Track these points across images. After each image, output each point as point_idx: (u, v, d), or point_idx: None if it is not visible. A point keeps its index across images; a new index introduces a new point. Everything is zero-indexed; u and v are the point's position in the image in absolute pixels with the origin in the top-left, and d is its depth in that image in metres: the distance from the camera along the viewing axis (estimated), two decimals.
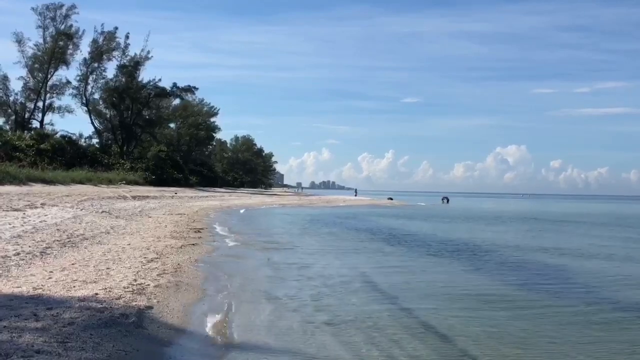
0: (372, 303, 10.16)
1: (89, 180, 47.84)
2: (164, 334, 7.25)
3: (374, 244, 21.14)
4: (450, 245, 20.90)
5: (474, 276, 13.92)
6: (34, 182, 38.62)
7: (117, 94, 72.85)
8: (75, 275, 9.68)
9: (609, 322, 9.15)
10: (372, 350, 7.26)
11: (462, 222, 39.14)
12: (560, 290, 12.18)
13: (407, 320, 8.91)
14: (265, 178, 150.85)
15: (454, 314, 9.45)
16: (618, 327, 8.92)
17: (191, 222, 24.17)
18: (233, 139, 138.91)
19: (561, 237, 27.52)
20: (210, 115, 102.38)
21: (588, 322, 9.12)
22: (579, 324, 8.98)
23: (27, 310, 7.01)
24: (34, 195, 27.75)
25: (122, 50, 73.45)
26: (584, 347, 7.67)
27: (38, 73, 67.91)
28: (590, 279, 13.91)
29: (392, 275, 13.59)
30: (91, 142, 76.94)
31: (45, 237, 13.90)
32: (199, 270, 12.20)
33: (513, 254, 18.66)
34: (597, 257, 18.52)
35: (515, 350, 7.43)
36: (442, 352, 7.29)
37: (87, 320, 6.81)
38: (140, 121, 76.74)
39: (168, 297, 9.09)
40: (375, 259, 16.73)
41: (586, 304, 10.56)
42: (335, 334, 7.97)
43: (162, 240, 16.35)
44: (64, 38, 67.47)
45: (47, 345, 5.70)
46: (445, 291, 11.61)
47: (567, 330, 8.52)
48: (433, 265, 15.83)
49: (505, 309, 9.99)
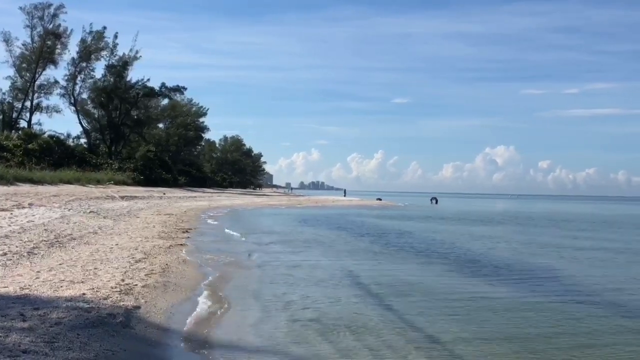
0: (359, 302, 10.22)
1: (77, 180, 47.59)
2: (151, 334, 7.27)
3: (361, 243, 21.20)
4: (436, 246, 21.05)
5: (460, 277, 14.02)
6: (21, 182, 38.40)
7: (106, 93, 72.49)
8: (63, 275, 9.67)
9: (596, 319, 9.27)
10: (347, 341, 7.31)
11: (450, 223, 39.26)
12: (547, 289, 12.30)
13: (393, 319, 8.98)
14: (254, 178, 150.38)
15: (439, 313, 9.54)
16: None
17: (179, 223, 24.15)
18: (222, 139, 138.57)
19: (548, 238, 27.69)
20: (199, 116, 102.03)
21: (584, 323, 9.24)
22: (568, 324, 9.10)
23: (14, 310, 7.00)
24: (22, 195, 27.62)
25: (111, 50, 73.09)
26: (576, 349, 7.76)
27: (26, 73, 67.52)
28: (582, 281, 14.08)
29: (381, 277, 13.64)
30: (79, 142, 76.57)
31: (33, 237, 13.87)
32: (187, 270, 12.21)
33: (497, 255, 18.82)
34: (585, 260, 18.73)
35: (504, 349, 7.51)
36: (428, 349, 7.35)
37: (74, 320, 6.81)
38: (128, 121, 76.45)
39: (156, 297, 9.11)
40: (364, 260, 16.79)
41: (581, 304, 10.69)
42: (323, 332, 8.01)
43: (150, 240, 16.34)
44: (52, 37, 67.09)
45: (34, 345, 5.71)
46: (428, 289, 11.70)
47: (554, 329, 8.63)
48: (421, 267, 15.92)
49: (494, 309, 10.09)
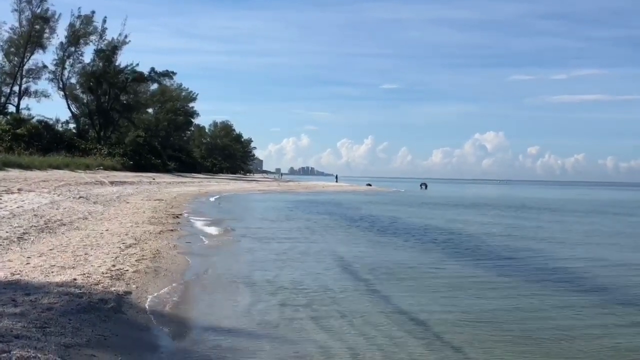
0: (350, 286, 10.31)
1: (66, 165, 47.32)
2: (142, 319, 7.31)
3: (352, 229, 21.30)
4: (424, 230, 21.20)
5: (450, 260, 14.14)
6: (10, 168, 38.14)
7: (94, 78, 71.92)
8: (54, 260, 9.68)
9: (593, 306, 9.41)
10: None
11: (439, 208, 39.49)
12: (532, 271, 12.44)
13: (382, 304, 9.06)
14: (244, 164, 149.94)
15: (430, 297, 9.64)
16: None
17: (170, 208, 24.13)
18: (212, 125, 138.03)
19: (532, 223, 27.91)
20: (189, 101, 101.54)
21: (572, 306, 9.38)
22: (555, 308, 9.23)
23: (5, 295, 7.01)
24: (11, 180, 27.46)
25: (100, 35, 72.37)
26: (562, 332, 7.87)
27: (14, 57, 66.80)
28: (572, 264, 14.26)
29: (370, 260, 13.73)
30: (68, 127, 75.93)
31: (23, 223, 13.83)
32: (178, 256, 12.25)
33: (484, 240, 19.01)
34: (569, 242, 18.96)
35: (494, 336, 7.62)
36: (419, 334, 7.43)
37: (65, 306, 6.84)
38: (117, 106, 75.94)
39: (147, 282, 9.14)
40: (355, 244, 16.87)
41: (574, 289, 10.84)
42: (314, 317, 8.07)
43: (141, 225, 16.34)
44: (40, 22, 66.38)
45: (25, 330, 5.73)
46: (417, 272, 11.80)
47: (540, 313, 8.75)
48: (409, 249, 16.03)
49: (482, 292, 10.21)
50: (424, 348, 6.89)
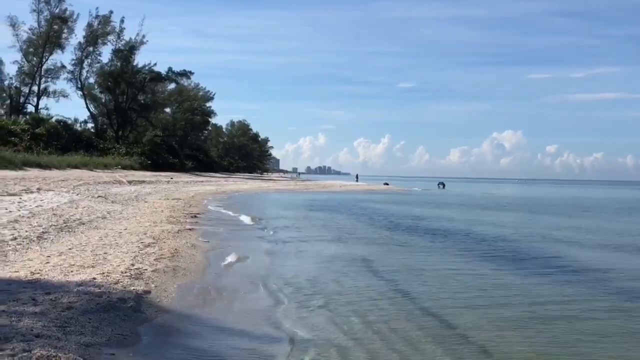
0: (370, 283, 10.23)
1: (84, 165, 47.75)
2: (161, 318, 7.29)
3: (370, 228, 21.19)
4: (452, 232, 21.02)
5: (473, 261, 13.99)
6: (29, 167, 38.56)
7: (112, 78, 72.53)
8: (73, 260, 9.71)
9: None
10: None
11: (458, 208, 39.23)
12: (561, 276, 12.26)
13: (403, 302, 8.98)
14: (261, 163, 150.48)
15: (447, 296, 9.54)
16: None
17: (187, 207, 24.19)
18: (229, 124, 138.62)
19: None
20: (206, 100, 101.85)
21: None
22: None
23: (25, 294, 7.04)
24: (30, 180, 27.70)
25: (117, 35, 73.13)
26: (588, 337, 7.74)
27: (33, 57, 67.55)
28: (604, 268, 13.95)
29: (394, 261, 13.63)
30: (86, 127, 76.81)
31: (42, 222, 13.91)
32: (196, 255, 12.24)
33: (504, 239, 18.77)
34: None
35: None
36: (436, 332, 7.35)
37: (85, 305, 6.84)
38: (135, 106, 76.48)
39: (165, 281, 9.14)
40: (372, 242, 16.78)
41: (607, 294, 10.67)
42: (331, 316, 8.01)
43: (159, 225, 16.37)
44: (58, 22, 67.06)
45: (46, 329, 5.74)
46: (438, 272, 11.69)
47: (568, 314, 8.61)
48: (433, 250, 15.91)
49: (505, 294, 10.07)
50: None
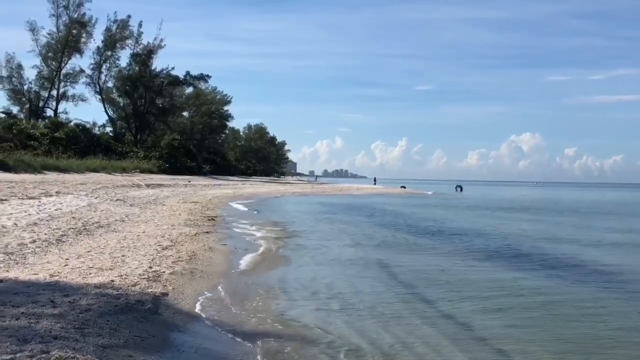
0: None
1: (103, 168, 48.04)
2: (179, 320, 7.29)
3: (385, 231, 21.12)
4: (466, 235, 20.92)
5: (485, 264, 13.90)
6: (48, 171, 38.83)
7: (131, 82, 72.96)
8: (91, 262, 9.75)
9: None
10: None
11: (474, 210, 39.04)
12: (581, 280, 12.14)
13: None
14: (278, 166, 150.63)
15: (462, 299, 9.47)
16: None
17: (205, 210, 24.23)
18: (246, 128, 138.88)
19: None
20: (223, 104, 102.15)
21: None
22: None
23: (44, 296, 7.06)
24: (49, 183, 27.93)
25: (135, 39, 73.45)
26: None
27: (52, 62, 68.09)
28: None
29: (410, 265, 13.57)
30: (105, 131, 77.21)
31: (61, 225, 14.00)
32: (214, 258, 12.24)
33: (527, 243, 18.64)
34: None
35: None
36: (452, 333, 7.29)
37: (103, 307, 6.85)
38: (153, 109, 76.82)
39: (183, 284, 9.15)
40: (400, 253, 16.72)
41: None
42: (349, 320, 7.98)
43: (177, 228, 16.41)
44: (77, 26, 67.54)
45: (64, 331, 5.75)
46: (449, 277, 11.61)
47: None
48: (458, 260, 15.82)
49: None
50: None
